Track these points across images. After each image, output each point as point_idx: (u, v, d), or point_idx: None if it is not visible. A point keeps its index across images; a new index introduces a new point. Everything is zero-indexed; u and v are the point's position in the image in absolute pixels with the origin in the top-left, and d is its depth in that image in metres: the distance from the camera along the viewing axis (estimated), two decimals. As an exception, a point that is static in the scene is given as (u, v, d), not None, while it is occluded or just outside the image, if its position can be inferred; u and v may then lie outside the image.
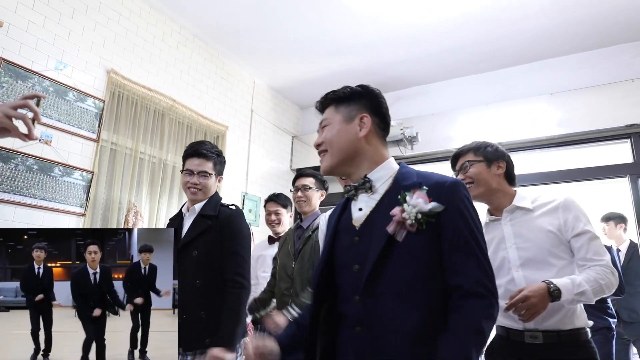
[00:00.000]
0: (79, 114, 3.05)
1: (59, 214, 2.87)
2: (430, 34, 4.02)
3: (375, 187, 1.17)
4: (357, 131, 1.19)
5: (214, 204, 1.99)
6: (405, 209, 1.05)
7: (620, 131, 3.86)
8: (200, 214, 1.95)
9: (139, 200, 3.40)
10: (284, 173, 5.20)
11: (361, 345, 1.04)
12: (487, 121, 4.33)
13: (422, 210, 1.04)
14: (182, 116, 3.86)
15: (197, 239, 1.88)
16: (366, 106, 1.22)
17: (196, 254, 1.86)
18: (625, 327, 3.66)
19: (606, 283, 1.49)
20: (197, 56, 4.13)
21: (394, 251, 1.06)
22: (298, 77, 4.92)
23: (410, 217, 1.04)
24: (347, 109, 1.22)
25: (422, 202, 1.05)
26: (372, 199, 1.17)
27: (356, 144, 1.19)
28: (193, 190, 1.96)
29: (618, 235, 3.82)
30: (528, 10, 3.65)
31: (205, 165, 1.98)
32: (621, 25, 3.78)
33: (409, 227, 1.05)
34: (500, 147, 1.82)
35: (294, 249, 2.43)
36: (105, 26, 3.31)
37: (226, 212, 1.95)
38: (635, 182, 3.73)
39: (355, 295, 1.08)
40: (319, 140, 1.25)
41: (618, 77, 3.91)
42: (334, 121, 1.22)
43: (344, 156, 1.20)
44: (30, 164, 2.74)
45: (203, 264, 1.85)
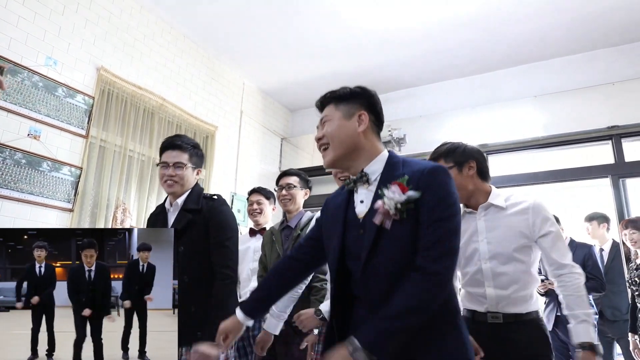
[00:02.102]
0: (68, 109, 3.05)
1: (47, 209, 2.86)
2: (418, 37, 4.11)
3: (372, 180, 1.26)
4: (356, 127, 1.29)
5: (196, 196, 1.94)
6: (385, 201, 1.16)
7: (602, 133, 3.96)
8: (183, 208, 1.90)
9: (127, 198, 3.40)
10: (273, 174, 5.21)
11: (362, 324, 1.15)
12: (474, 123, 4.41)
13: (398, 201, 1.14)
14: (172, 115, 3.87)
15: (181, 233, 1.83)
16: (364, 105, 1.32)
17: (182, 249, 1.82)
18: (609, 326, 3.71)
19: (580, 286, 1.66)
20: (187, 56, 4.16)
21: (384, 239, 1.18)
22: (287, 80, 4.97)
23: (390, 208, 1.14)
24: (347, 107, 1.32)
25: (397, 194, 1.15)
26: (369, 192, 1.26)
27: (355, 138, 1.28)
28: (169, 182, 1.90)
29: (601, 235, 3.89)
30: (513, 15, 3.75)
31: (180, 156, 1.93)
32: (602, 30, 3.90)
33: (393, 216, 1.15)
34: (468, 145, 1.88)
35: (283, 249, 2.40)
36: (96, 24, 3.32)
37: (209, 204, 1.91)
38: (617, 183, 3.82)
39: (358, 280, 1.21)
40: (319, 134, 1.35)
41: (599, 80, 4.03)
42: (335, 117, 1.32)
43: (344, 150, 1.29)
44: (19, 158, 2.74)
45: (189, 260, 1.81)
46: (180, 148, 1.94)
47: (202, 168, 2.06)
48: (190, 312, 1.75)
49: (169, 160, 1.92)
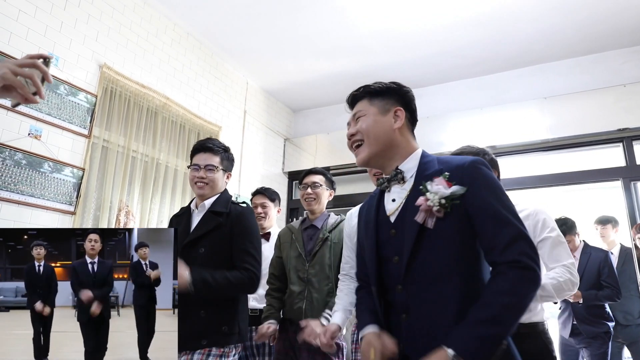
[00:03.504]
0: (70, 108, 2.93)
1: (48, 212, 2.73)
2: (424, 38, 4.04)
3: (407, 178, 1.21)
4: (392, 123, 1.24)
5: (225, 201, 1.94)
6: (428, 197, 1.09)
7: (613, 135, 3.92)
8: (211, 210, 1.89)
9: (130, 200, 3.28)
10: (276, 176, 5.12)
11: (408, 332, 1.11)
12: (482, 125, 4.35)
13: (443, 195, 1.07)
14: (175, 115, 3.76)
15: (206, 235, 1.83)
16: (399, 101, 1.27)
17: (203, 250, 1.80)
18: (621, 330, 3.66)
19: (565, 280, 1.62)
20: (190, 54, 4.05)
21: (427, 239, 1.10)
22: (291, 79, 4.87)
23: (434, 203, 1.07)
24: (382, 102, 1.26)
25: (442, 188, 1.08)
26: (403, 190, 1.20)
27: (391, 135, 1.23)
28: (200, 184, 1.91)
29: (613, 239, 3.85)
30: (522, 15, 3.69)
31: (212, 159, 1.94)
32: (612, 31, 3.86)
33: (436, 213, 1.08)
34: (493, 154, 1.89)
35: (305, 250, 2.30)
36: (99, 19, 3.21)
37: (237, 210, 1.90)
38: (628, 186, 3.77)
39: (398, 285, 1.14)
40: (352, 130, 1.28)
41: (610, 82, 3.98)
42: (370, 113, 1.26)
43: (380, 146, 1.23)
44: (19, 159, 2.61)
45: (209, 262, 1.78)
46: (212, 151, 1.95)
47: (231, 172, 2.06)
48: (199, 316, 1.72)
49: (200, 162, 1.93)
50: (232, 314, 1.79)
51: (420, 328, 1.08)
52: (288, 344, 2.26)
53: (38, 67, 1.06)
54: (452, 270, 1.06)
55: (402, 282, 1.12)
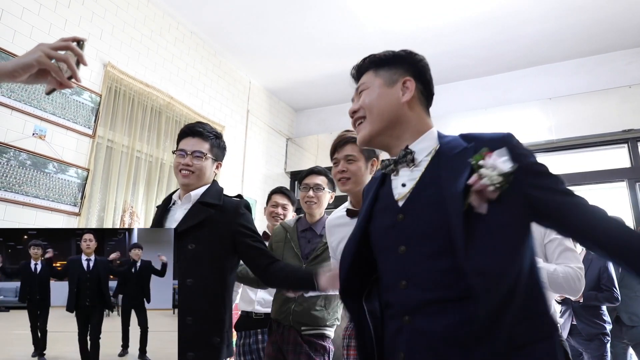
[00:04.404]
0: (75, 107, 2.88)
1: (53, 213, 2.69)
2: (429, 38, 4.02)
3: (418, 160, 1.02)
4: (400, 96, 1.06)
5: (216, 192, 1.70)
6: (483, 173, 0.88)
7: (618, 136, 3.92)
8: (200, 201, 1.64)
9: (135, 201, 3.24)
10: (278, 176, 5.09)
11: (411, 338, 0.91)
12: (484, 125, 4.33)
13: (502, 171, 0.87)
14: (179, 114, 3.72)
15: (195, 229, 1.58)
16: (409, 70, 1.10)
17: (193, 247, 1.57)
18: (627, 331, 3.67)
19: (565, 277, 1.58)
20: (194, 53, 4.01)
21: (476, 228, 0.88)
22: (293, 79, 4.84)
23: (492, 181, 0.87)
24: (389, 73, 1.09)
25: (501, 162, 0.88)
26: (416, 171, 1.01)
27: (398, 109, 1.05)
28: (185, 172, 1.66)
29: (617, 240, 3.86)
30: (527, 15, 3.67)
31: (200, 145, 1.69)
32: (617, 32, 3.85)
33: (490, 194, 0.87)
34: None
35: (301, 251, 2.20)
36: (103, 17, 3.16)
37: (233, 202, 1.67)
38: (633, 187, 3.77)
39: (402, 281, 0.95)
40: (355, 106, 1.11)
41: (615, 83, 3.98)
42: (374, 85, 1.09)
43: (385, 123, 1.06)
44: (23, 159, 2.57)
45: (199, 260, 1.57)
46: (201, 136, 1.70)
47: (221, 162, 1.81)
48: (185, 323, 1.50)
49: (187, 148, 1.69)
50: (222, 323, 1.57)
51: (428, 333, 0.89)
52: (276, 347, 2.16)
53: (73, 50, 1.02)
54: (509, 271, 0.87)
55: (408, 276, 0.94)
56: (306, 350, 2.05)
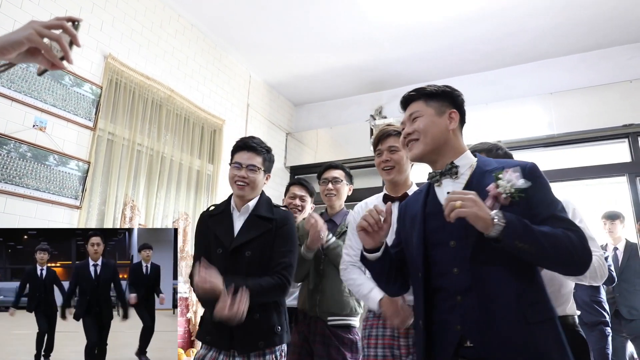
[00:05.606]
0: (75, 99, 2.85)
1: (54, 206, 2.66)
2: (431, 32, 4.00)
3: (460, 173, 1.32)
4: (447, 124, 1.34)
5: (268, 204, 1.90)
6: (500, 184, 1.18)
7: (618, 131, 3.92)
8: (256, 214, 1.84)
9: (136, 194, 3.21)
10: (278, 170, 5.06)
11: (465, 313, 1.18)
12: (487, 120, 4.33)
13: (516, 185, 1.16)
14: (180, 108, 3.68)
15: (254, 240, 1.78)
16: (452, 103, 1.38)
17: (249, 254, 1.76)
18: (625, 325, 3.70)
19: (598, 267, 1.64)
20: (195, 46, 3.97)
21: None
22: (293, 73, 4.81)
23: (505, 191, 1.17)
24: (438, 104, 1.36)
25: (515, 178, 1.17)
26: (458, 184, 1.30)
27: (446, 135, 1.34)
28: (240, 184, 1.84)
29: (619, 235, 3.88)
30: (528, 10, 3.67)
31: (254, 159, 1.88)
32: (619, 27, 3.85)
33: (502, 200, 1.17)
34: (506, 149, 1.91)
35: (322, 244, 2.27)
36: (103, 9, 3.11)
37: (281, 213, 1.87)
38: (634, 181, 3.79)
39: (454, 268, 1.22)
40: (409, 129, 1.37)
41: (616, 77, 3.99)
42: (426, 114, 1.35)
43: (435, 145, 1.33)
44: (24, 151, 2.53)
45: (255, 265, 1.76)
46: (255, 150, 1.89)
47: (270, 174, 1.99)
48: (253, 319, 1.67)
49: (242, 161, 1.87)
50: (280, 314, 1.80)
51: (480, 308, 1.15)
52: (303, 337, 2.25)
53: (66, 30, 0.97)
54: (512, 256, 1.14)
55: (459, 265, 1.20)
56: (335, 344, 2.13)
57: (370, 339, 1.87)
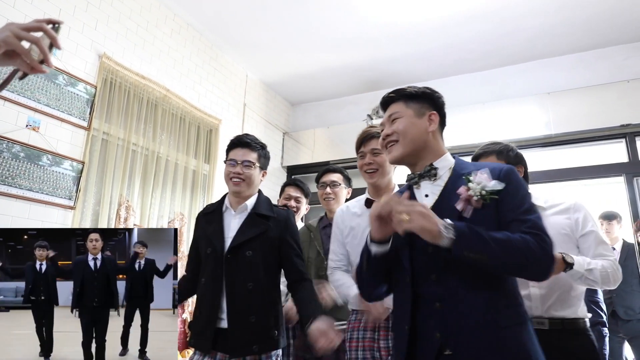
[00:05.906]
0: (69, 99, 2.82)
1: (47, 207, 2.64)
2: (427, 32, 3.99)
3: (439, 175, 1.30)
4: (427, 126, 1.32)
5: (267, 203, 1.90)
6: (471, 187, 1.18)
7: (616, 131, 3.92)
8: (255, 212, 1.83)
9: (130, 195, 3.19)
10: (275, 170, 5.05)
11: (443, 319, 1.15)
12: (483, 120, 4.32)
13: (486, 187, 1.16)
14: (176, 107, 3.66)
15: (254, 239, 1.78)
16: (433, 105, 1.36)
17: (250, 254, 1.75)
18: (622, 325, 3.70)
19: (612, 272, 1.62)
20: (190, 45, 3.95)
21: None
22: (290, 72, 4.79)
23: (475, 193, 1.17)
24: (418, 106, 1.34)
25: (485, 179, 1.17)
26: (436, 186, 1.29)
27: (425, 137, 1.32)
28: (236, 180, 1.84)
29: (616, 235, 3.88)
30: (526, 9, 3.65)
31: (249, 155, 1.87)
32: (616, 27, 3.85)
33: (474, 203, 1.17)
34: (514, 147, 1.91)
35: (324, 248, 2.29)
36: (98, 7, 3.09)
37: (282, 214, 1.87)
38: (631, 181, 3.78)
39: (432, 274, 1.19)
40: (388, 131, 1.35)
41: (613, 77, 3.98)
42: (406, 115, 1.33)
43: (414, 147, 1.31)
44: (17, 151, 2.51)
45: (257, 266, 1.75)
46: (249, 146, 1.89)
47: (266, 171, 1.98)
48: (249, 322, 1.68)
49: (237, 158, 1.87)
50: (277, 318, 1.79)
51: (456, 314, 1.13)
52: (308, 342, 2.23)
53: (46, 32, 0.93)
54: None
55: (436, 271, 1.18)
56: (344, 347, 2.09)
57: (351, 341, 1.88)
